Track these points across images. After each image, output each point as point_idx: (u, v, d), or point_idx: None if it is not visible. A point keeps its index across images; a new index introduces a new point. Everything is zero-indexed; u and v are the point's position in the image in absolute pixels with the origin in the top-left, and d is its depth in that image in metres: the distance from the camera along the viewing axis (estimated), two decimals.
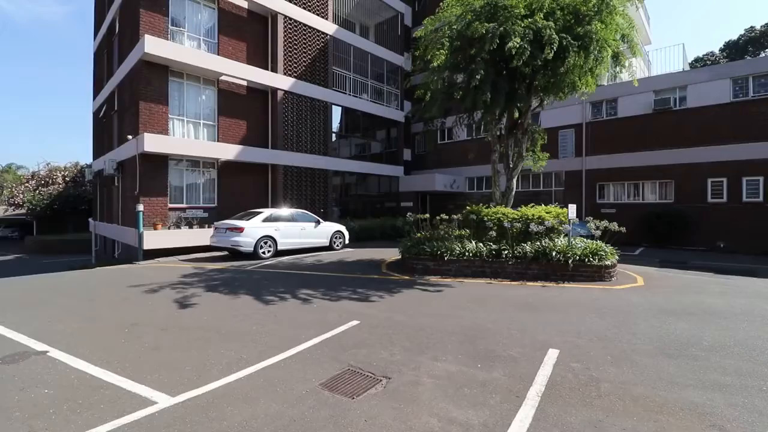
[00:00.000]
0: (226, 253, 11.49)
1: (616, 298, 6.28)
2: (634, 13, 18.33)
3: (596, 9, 8.18)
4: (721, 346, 4.11)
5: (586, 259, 7.64)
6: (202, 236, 11.96)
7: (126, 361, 3.82)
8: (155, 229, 11.57)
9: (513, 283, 7.49)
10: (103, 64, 17.02)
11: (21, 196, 28.75)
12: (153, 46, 11.41)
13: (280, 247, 11.08)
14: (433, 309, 5.70)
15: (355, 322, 4.95)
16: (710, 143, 14.45)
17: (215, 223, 11.32)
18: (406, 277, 8.09)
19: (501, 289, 7.04)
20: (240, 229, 10.33)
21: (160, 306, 5.97)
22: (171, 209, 12.32)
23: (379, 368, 3.61)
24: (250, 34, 14.54)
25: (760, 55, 32.20)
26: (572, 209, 8.42)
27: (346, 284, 7.35)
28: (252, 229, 10.49)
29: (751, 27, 34.51)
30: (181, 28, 12.87)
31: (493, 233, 8.38)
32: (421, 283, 7.50)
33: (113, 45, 15.60)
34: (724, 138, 14.20)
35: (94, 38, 18.67)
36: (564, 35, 7.77)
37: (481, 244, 8.35)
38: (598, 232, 8.14)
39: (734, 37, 37.02)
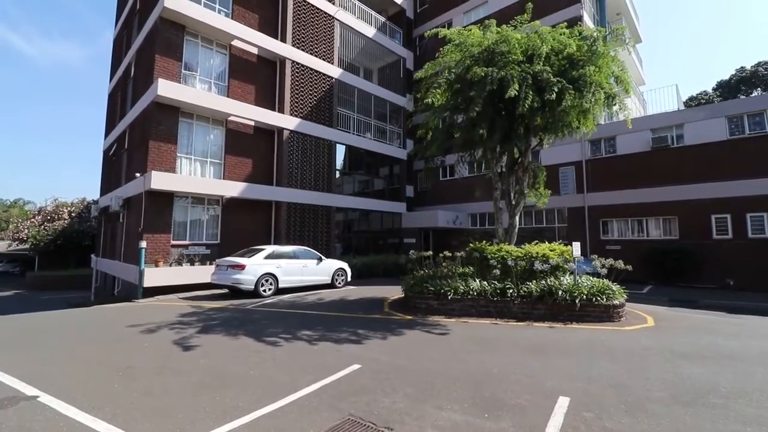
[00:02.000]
0: (226, 291, 11.35)
1: (626, 340, 6.07)
2: (626, 57, 19.14)
3: (588, 55, 8.57)
4: (739, 392, 3.92)
5: (594, 299, 7.48)
6: (203, 273, 11.87)
7: (118, 408, 3.67)
8: (156, 266, 11.52)
9: (519, 323, 7.29)
10: (117, 105, 17.72)
11: (26, 231, 28.97)
12: (165, 89, 11.91)
13: (281, 285, 10.95)
14: (436, 352, 5.51)
15: (356, 366, 4.78)
16: (711, 179, 14.54)
17: (217, 260, 11.27)
18: (409, 317, 7.91)
19: (507, 330, 6.84)
20: (241, 267, 10.26)
21: (156, 348, 5.82)
22: (173, 246, 12.33)
23: (380, 418, 3.44)
24: (259, 77, 15.19)
25: (753, 95, 33.18)
26: (576, 247, 8.34)
27: (348, 324, 7.18)
28: (253, 266, 10.42)
29: (742, 67, 35.81)
30: (193, 72, 13.48)
31: (497, 271, 8.27)
32: (425, 324, 7.31)
33: (127, 87, 16.31)
34: (725, 174, 14.30)
35: (110, 80, 19.56)
36: (560, 79, 8.07)
37: (485, 283, 8.22)
38: (604, 270, 8.02)
39: (726, 76, 38.29)
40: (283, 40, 15.61)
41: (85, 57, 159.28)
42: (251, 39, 14.48)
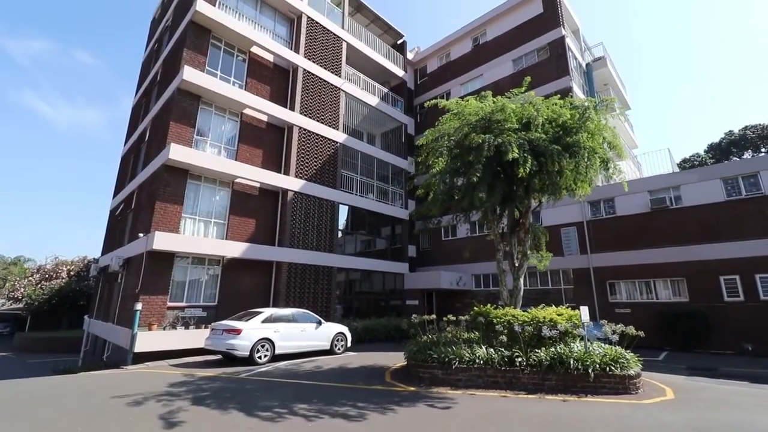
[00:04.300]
0: (219, 357, 10.82)
1: (646, 416, 5.61)
2: (619, 124, 20.06)
3: (581, 123, 9.00)
4: None
5: (607, 368, 7.05)
6: (197, 338, 11.40)
7: None
8: (150, 329, 11.13)
9: (530, 396, 6.81)
10: (128, 166, 18.39)
11: (22, 290, 28.53)
12: (176, 152, 12.41)
13: (278, 351, 10.44)
14: (442, 431, 5.08)
15: None
16: (714, 240, 14.47)
17: (212, 324, 10.87)
18: (412, 389, 7.42)
19: (517, 404, 6.37)
20: (237, 331, 9.86)
21: (141, 423, 5.40)
22: (170, 308, 12.02)
23: None
24: (267, 141, 15.91)
25: (744, 157, 34.28)
26: (584, 312, 8.06)
27: (347, 397, 6.72)
28: (250, 331, 10.01)
29: (730, 131, 37.42)
30: (205, 137, 14.14)
31: (504, 338, 7.90)
32: (429, 396, 6.84)
33: (140, 150, 17.04)
34: (727, 235, 14.26)
35: (125, 143, 20.49)
36: (555, 146, 8.39)
37: (492, 350, 7.82)
38: (615, 337, 7.66)
39: (716, 139, 39.89)
40: (292, 108, 16.59)
41: (103, 120, 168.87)
42: (262, 108, 15.40)
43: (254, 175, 14.59)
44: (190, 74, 13.21)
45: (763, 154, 33.27)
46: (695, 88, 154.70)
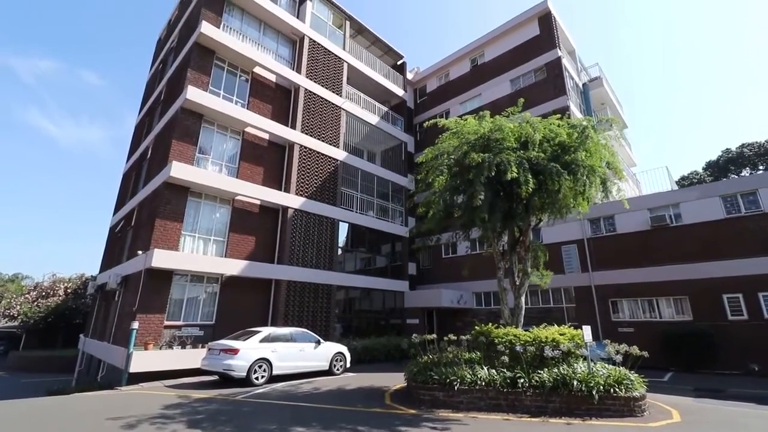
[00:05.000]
0: (216, 377, 10.61)
1: None
2: (618, 148, 20.27)
3: (579, 142, 9.09)
4: None
5: (612, 390, 6.91)
6: (193, 357, 11.18)
7: None
8: (146, 349, 10.94)
9: (533, 419, 6.64)
10: (129, 184, 18.47)
11: (18, 307, 28.20)
12: (178, 170, 12.48)
13: (275, 372, 10.22)
14: None
15: None
16: (715, 258, 14.39)
17: (209, 343, 10.67)
18: (413, 411, 7.24)
19: (520, 428, 6.21)
20: (234, 351, 9.68)
21: None
22: (166, 327, 11.85)
23: None
24: (268, 159, 16.03)
25: (742, 174, 34.48)
26: (587, 331, 7.95)
27: (346, 420, 6.56)
28: (247, 351, 9.82)
29: (727, 149, 37.73)
30: (206, 155, 14.25)
31: (506, 358, 7.76)
32: (430, 419, 6.67)
33: (142, 168, 17.15)
34: (728, 253, 14.19)
35: (127, 161, 20.63)
36: (554, 164, 8.45)
37: (493, 371, 7.68)
38: (619, 357, 7.54)
39: (713, 157, 40.19)
40: (293, 127, 16.79)
41: (106, 137, 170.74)
42: (264, 126, 15.58)
43: (255, 193, 14.64)
44: (193, 94, 13.42)
45: (761, 171, 33.49)
46: (688, 103, 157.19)
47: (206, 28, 14.32)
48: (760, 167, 34.88)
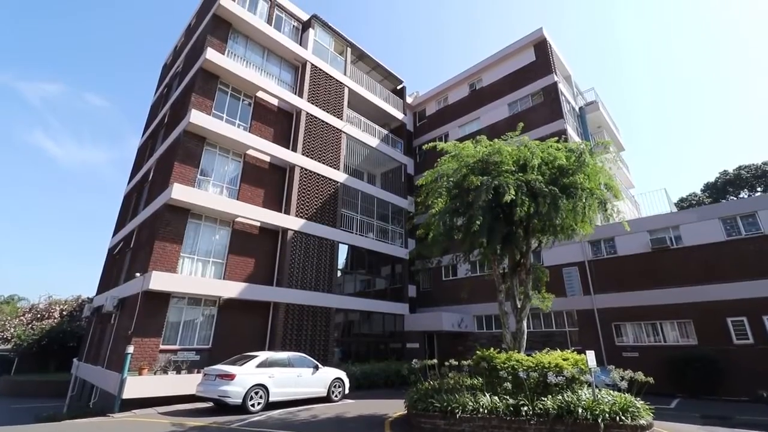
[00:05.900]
0: (211, 404, 10.31)
1: None
2: (616, 170, 20.47)
3: (577, 165, 9.19)
4: None
5: (617, 418, 6.70)
6: (189, 383, 10.91)
7: None
8: (140, 374, 10.70)
9: None
10: (130, 206, 18.53)
11: (12, 330, 27.71)
12: (179, 192, 12.56)
13: (272, 398, 9.94)
14: None
15: None
16: (717, 281, 14.27)
17: (205, 368, 10.41)
18: None
19: None
20: (231, 377, 9.44)
21: None
22: (162, 351, 11.63)
23: None
24: (269, 181, 16.16)
25: (741, 196, 34.64)
26: (591, 357, 7.78)
27: None
28: (244, 376, 9.59)
29: (725, 171, 38.01)
30: (207, 177, 14.37)
31: (509, 384, 7.57)
32: None
33: (143, 190, 17.24)
34: (731, 275, 14.07)
35: (128, 183, 20.79)
36: (553, 187, 8.51)
37: (496, 398, 7.47)
38: (624, 384, 7.35)
39: (711, 179, 40.42)
40: (294, 149, 17.00)
41: (108, 159, 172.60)
42: (265, 149, 15.78)
43: (255, 215, 14.67)
44: (197, 117, 13.65)
45: (759, 193, 33.66)
46: (683, 125, 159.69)
47: (211, 54, 14.72)
48: (758, 189, 35.09)
